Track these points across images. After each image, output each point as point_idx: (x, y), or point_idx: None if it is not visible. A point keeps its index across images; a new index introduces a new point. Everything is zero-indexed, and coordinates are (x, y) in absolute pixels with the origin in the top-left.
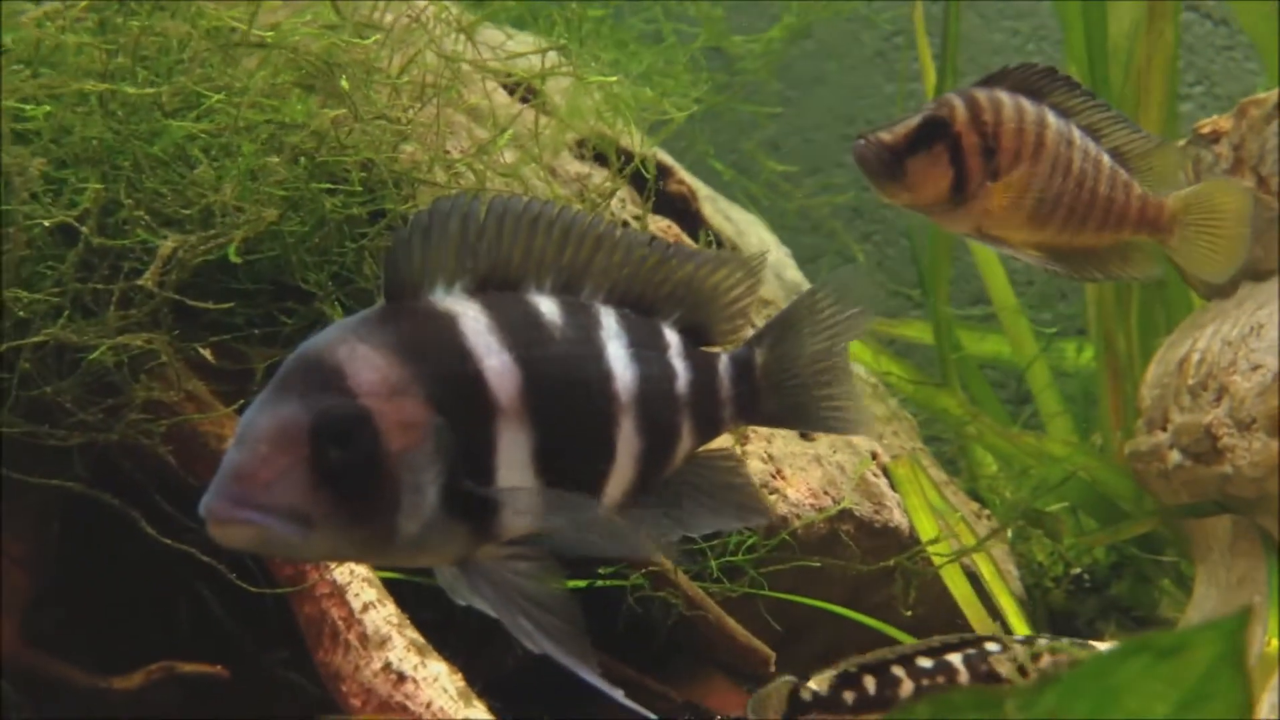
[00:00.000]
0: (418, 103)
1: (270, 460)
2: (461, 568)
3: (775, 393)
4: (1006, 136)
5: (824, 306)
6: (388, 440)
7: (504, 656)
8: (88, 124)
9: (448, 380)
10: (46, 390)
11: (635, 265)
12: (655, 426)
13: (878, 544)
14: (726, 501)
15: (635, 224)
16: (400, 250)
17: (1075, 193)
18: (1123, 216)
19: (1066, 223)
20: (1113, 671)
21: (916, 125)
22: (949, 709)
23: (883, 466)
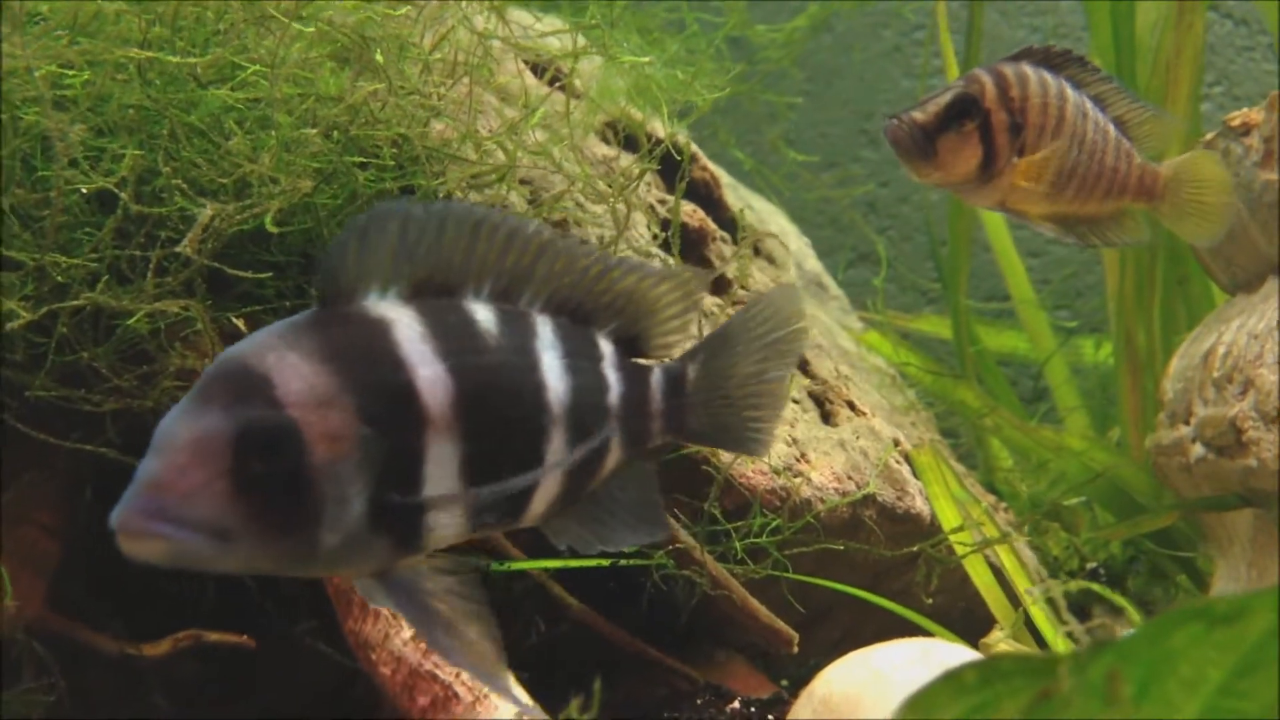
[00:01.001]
0: (449, 80)
1: (188, 471)
2: (380, 579)
3: (704, 409)
4: (1033, 112)
5: (756, 326)
6: (313, 452)
7: (527, 633)
8: (126, 92)
9: (378, 390)
10: (83, 355)
11: (577, 274)
12: (585, 439)
13: (899, 530)
14: (641, 517)
15: (661, 208)
16: (336, 253)
17: (1088, 164)
18: (1124, 185)
19: (1078, 193)
20: (1166, 637)
21: (947, 103)
22: (997, 675)
23: (904, 454)
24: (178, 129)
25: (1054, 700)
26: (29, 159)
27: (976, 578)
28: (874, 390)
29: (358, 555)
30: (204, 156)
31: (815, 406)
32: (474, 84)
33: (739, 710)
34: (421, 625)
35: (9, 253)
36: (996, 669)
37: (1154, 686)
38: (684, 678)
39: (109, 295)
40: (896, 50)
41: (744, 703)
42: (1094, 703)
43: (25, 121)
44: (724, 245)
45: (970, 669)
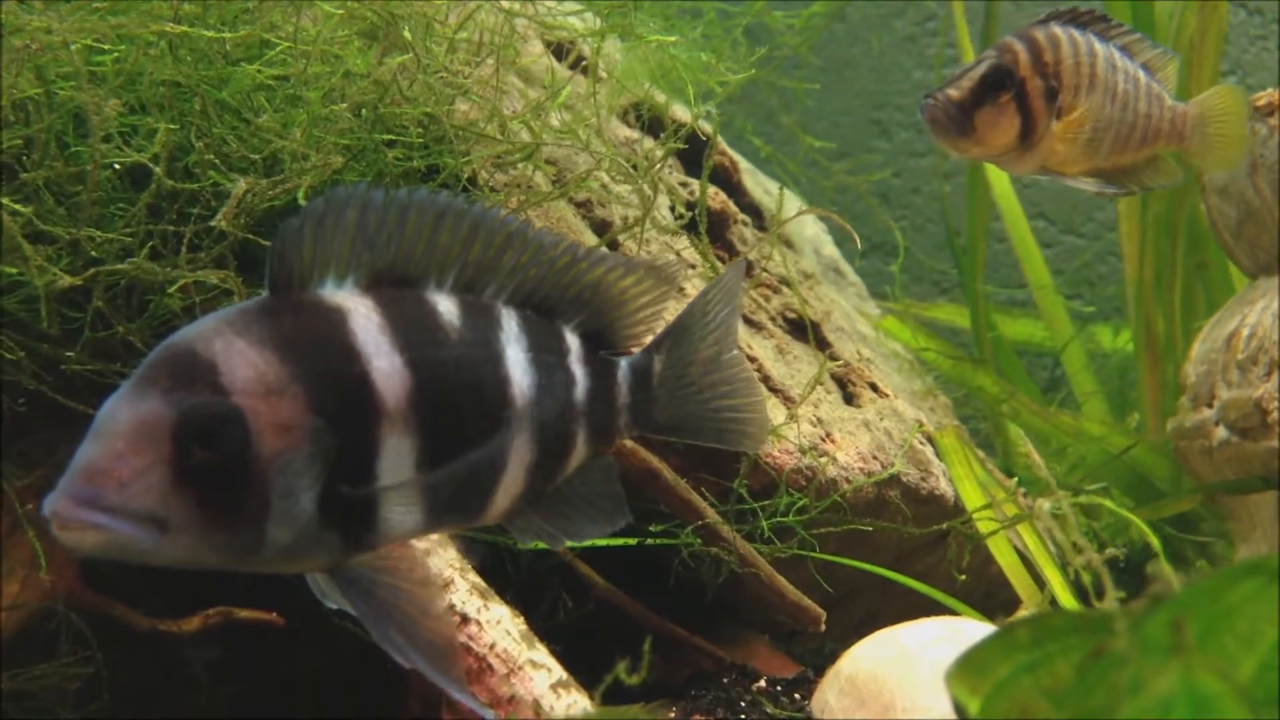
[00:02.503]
0: (474, 59)
1: (125, 458)
2: (334, 575)
3: (671, 401)
4: (1066, 74)
5: (711, 308)
6: (260, 442)
7: (555, 609)
8: (158, 68)
9: (330, 380)
10: (119, 329)
11: (543, 266)
12: (550, 435)
13: (923, 511)
14: (603, 510)
15: (682, 190)
16: (290, 239)
17: (1122, 115)
18: (1158, 130)
19: (1115, 145)
20: (1225, 593)
21: (981, 76)
22: (1050, 634)
23: (927, 435)
24: (209, 106)
25: (1108, 657)
26: (62, 135)
27: (1001, 558)
28: (895, 374)
29: (307, 550)
30: (234, 133)
31: (838, 388)
32: (499, 64)
33: (765, 689)
34: (374, 623)
35: (45, 227)
36: (1050, 627)
37: (1211, 642)
38: (710, 657)
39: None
40: (909, 41)
41: (770, 682)
42: (1152, 658)
43: (60, 97)
44: (744, 228)
45: (1023, 626)
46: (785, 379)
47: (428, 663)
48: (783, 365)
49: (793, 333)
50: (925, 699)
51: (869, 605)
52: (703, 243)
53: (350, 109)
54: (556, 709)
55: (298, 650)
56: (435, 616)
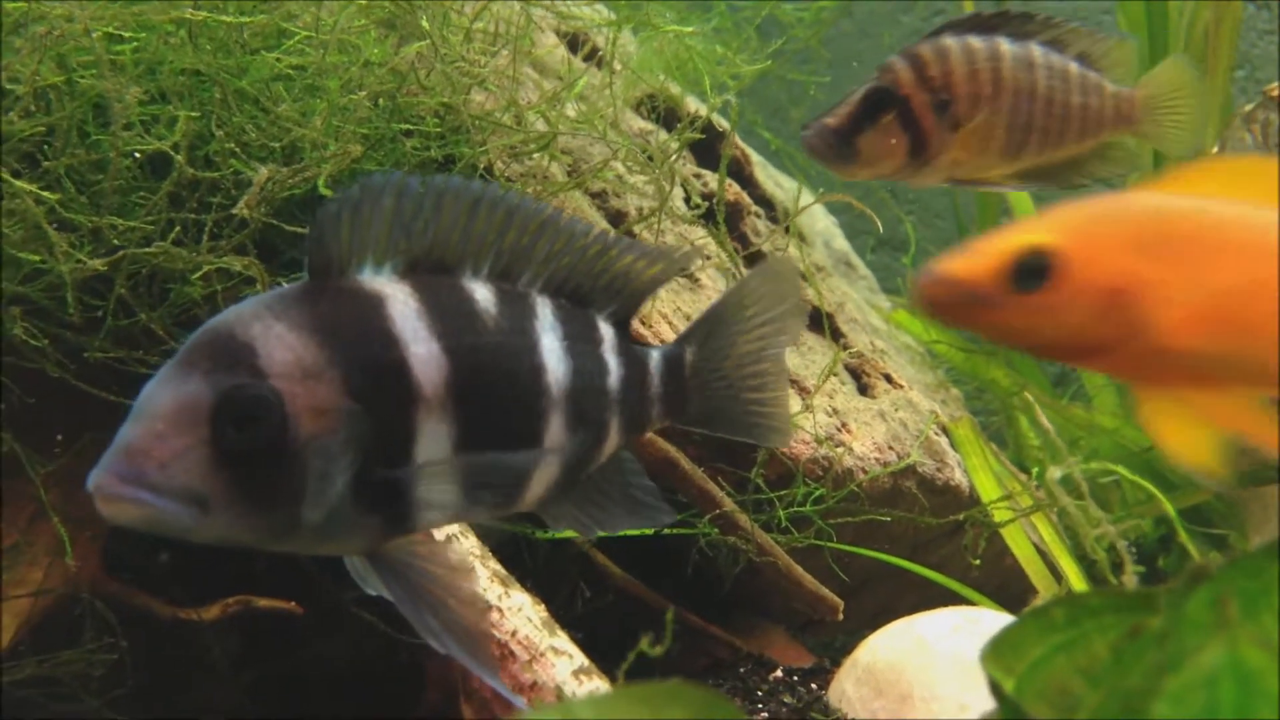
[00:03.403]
0: (490, 50)
1: (167, 438)
2: (371, 560)
3: (703, 393)
4: (959, 84)
5: (750, 304)
6: (297, 425)
7: (573, 599)
8: (178, 56)
9: (368, 365)
10: (141, 317)
11: (576, 254)
12: (585, 423)
13: (939, 501)
14: (639, 501)
15: (696, 182)
16: (328, 225)
17: (1046, 112)
18: (1100, 118)
19: (1044, 142)
20: (1265, 570)
21: (859, 101)
22: (1085, 613)
23: (942, 426)
24: (229, 95)
25: (1146, 635)
26: (83, 124)
27: (1017, 550)
28: (908, 365)
29: (344, 533)
30: (254, 122)
31: (853, 379)
32: (515, 55)
33: (781, 679)
34: (410, 608)
35: (68, 215)
36: (1085, 605)
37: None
38: (726, 646)
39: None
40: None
41: (786, 672)
42: (1193, 635)
43: (81, 85)
44: (758, 220)
45: (1058, 606)
46: (800, 369)
47: (462, 648)
48: (797, 356)
49: (807, 324)
50: (943, 688)
51: (884, 596)
52: (720, 232)
53: (368, 98)
54: (579, 695)
55: (317, 640)
56: (468, 602)
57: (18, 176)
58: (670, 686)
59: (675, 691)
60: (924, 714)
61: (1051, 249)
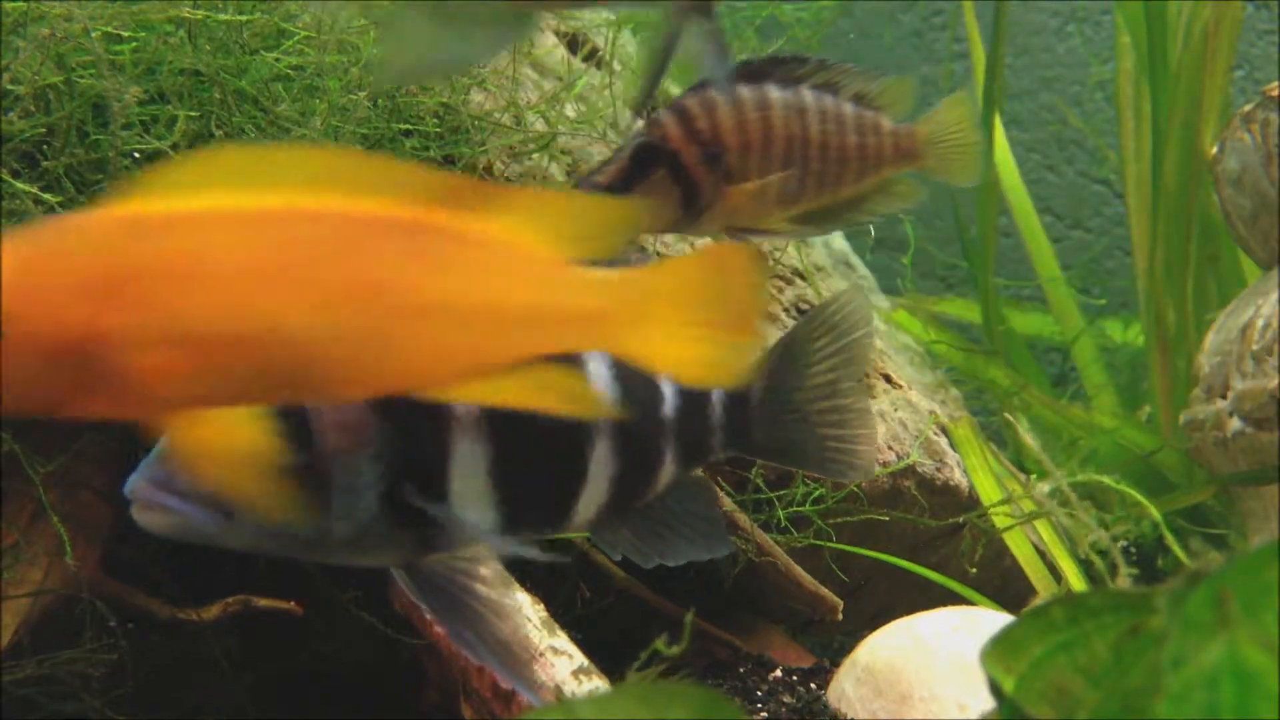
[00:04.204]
0: None
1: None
2: (407, 570)
3: (772, 425)
4: (728, 135)
5: (823, 333)
6: (324, 439)
7: (573, 599)
8: (178, 56)
9: None
10: None
11: None
12: (636, 450)
13: (938, 501)
14: (700, 532)
15: None
16: None
17: (822, 155)
18: (880, 156)
19: (822, 186)
20: (1266, 569)
21: (629, 157)
22: (1085, 613)
23: (941, 426)
24: (228, 95)
25: (1146, 635)
26: (82, 124)
27: (1017, 550)
28: (907, 365)
29: (375, 547)
30: (253, 122)
31: None
32: (514, 56)
33: (781, 679)
34: (447, 619)
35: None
36: (1085, 605)
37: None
38: (726, 646)
39: None
40: (916, 35)
41: (786, 672)
42: (1194, 634)
43: (80, 85)
44: None
45: (1057, 605)
46: None
47: (499, 661)
48: None
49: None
50: (943, 688)
51: (883, 597)
52: None
53: (368, 99)
54: (579, 695)
55: (317, 640)
56: (506, 617)
57: (17, 177)
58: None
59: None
60: (923, 714)
61: None
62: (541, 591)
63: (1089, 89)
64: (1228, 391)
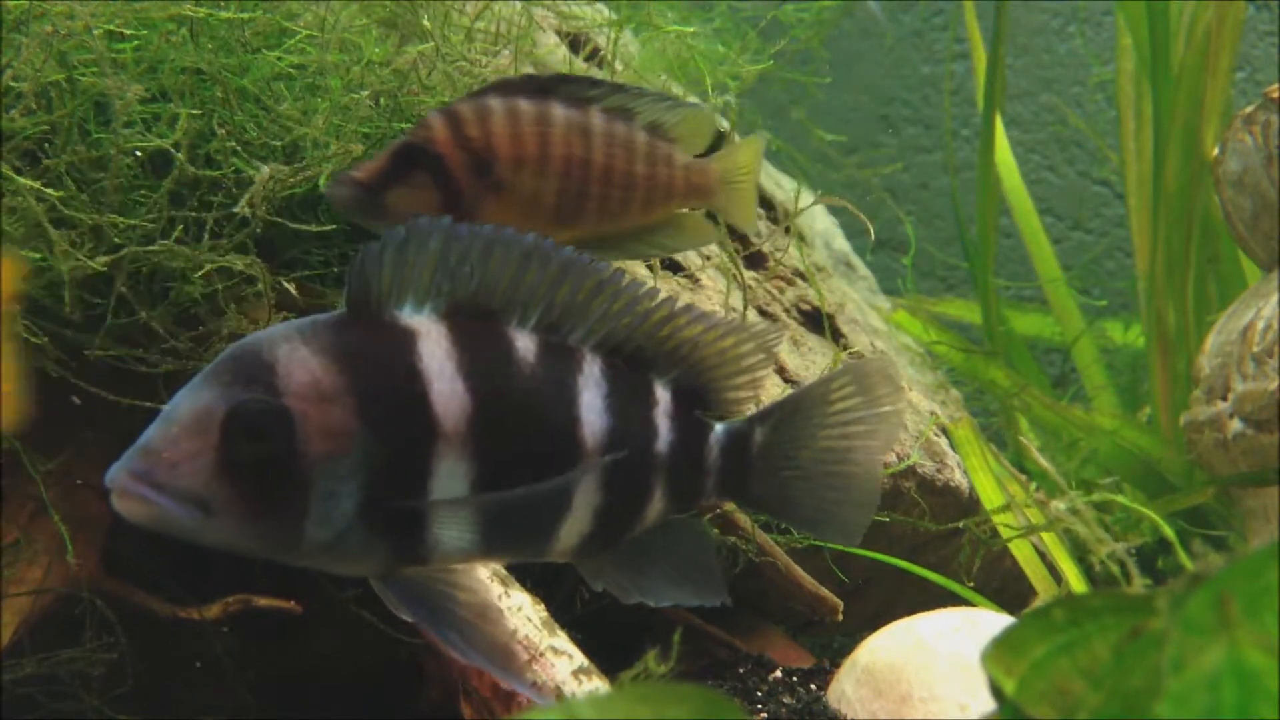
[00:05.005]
0: (491, 49)
1: (180, 442)
2: (387, 581)
3: (770, 477)
4: (501, 145)
5: (839, 399)
6: (305, 443)
7: (572, 599)
8: (180, 55)
9: (386, 395)
10: (141, 315)
11: (637, 318)
12: (622, 484)
13: (938, 502)
14: (688, 576)
15: None
16: (370, 261)
17: (605, 180)
18: (669, 189)
19: (604, 212)
20: (1266, 571)
21: (390, 156)
22: (1086, 614)
23: (942, 427)
24: (230, 93)
25: (1147, 637)
26: (84, 122)
27: (1017, 551)
28: (908, 366)
29: (351, 554)
30: (255, 121)
31: None
32: (515, 55)
33: (781, 679)
34: (433, 626)
35: (69, 212)
36: (1085, 607)
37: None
38: (726, 646)
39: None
40: (917, 36)
41: (786, 672)
42: (1194, 636)
43: (83, 84)
44: (759, 222)
45: (1058, 607)
46: (800, 370)
47: (488, 660)
48: (798, 357)
49: (807, 324)
50: (942, 689)
51: (883, 597)
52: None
53: (370, 97)
54: (579, 695)
55: (317, 639)
56: (493, 620)
57: (19, 173)
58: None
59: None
60: (924, 714)
61: None
62: (542, 591)
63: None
64: (1228, 393)
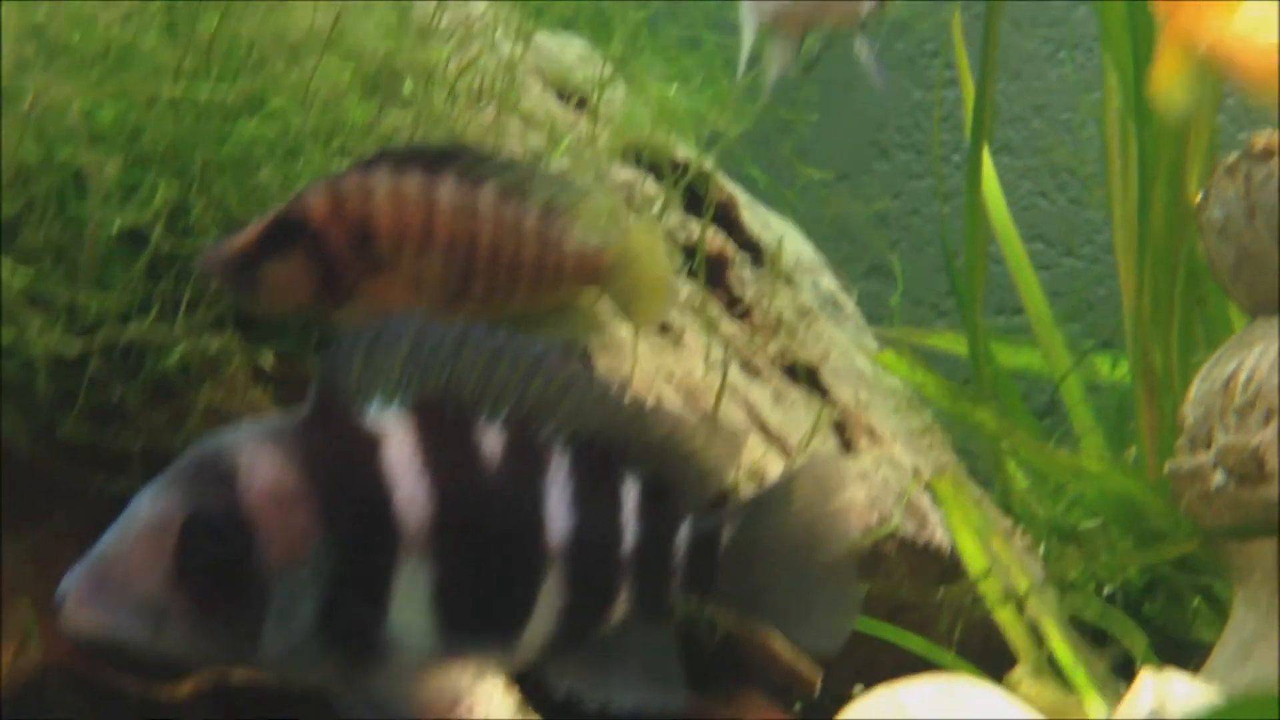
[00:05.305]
0: (475, 106)
1: (133, 551)
2: (344, 696)
3: (740, 575)
4: (383, 221)
5: (797, 499)
6: (263, 551)
7: None
8: (159, 125)
9: (348, 500)
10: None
11: (607, 414)
12: (587, 584)
13: (919, 562)
14: (653, 677)
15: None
16: (340, 361)
17: (492, 260)
18: (559, 273)
19: (490, 294)
20: None
21: (265, 229)
22: None
23: (925, 484)
24: (209, 164)
25: None
26: (61, 195)
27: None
28: (892, 414)
29: (309, 662)
30: (235, 189)
31: (835, 434)
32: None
33: None
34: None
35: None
36: None
37: None
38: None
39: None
40: (909, 62)
41: None
42: None
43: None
44: (744, 270)
45: None
46: (782, 426)
47: None
48: (780, 412)
49: (790, 376)
50: None
51: (864, 656)
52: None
53: None
54: None
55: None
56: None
57: None
58: None
59: None
60: None
61: None
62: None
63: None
64: (1211, 444)
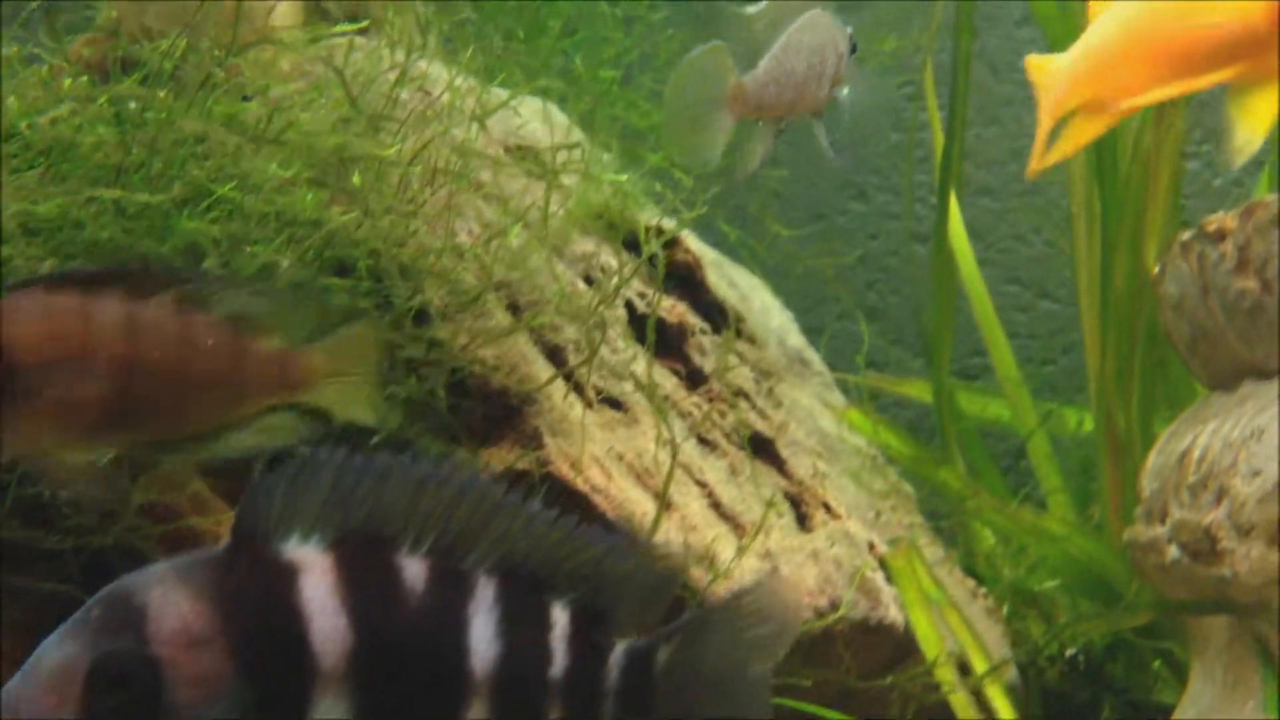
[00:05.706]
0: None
1: (40, 698)
2: None
3: (675, 696)
4: (24, 348)
5: (743, 618)
6: (173, 693)
7: None
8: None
9: (262, 637)
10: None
11: (535, 539)
12: (515, 711)
13: (871, 640)
14: None
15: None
16: (260, 497)
17: (158, 381)
18: (244, 385)
19: (160, 416)
20: None
21: None
22: None
23: (879, 558)
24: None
25: None
26: None
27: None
28: (851, 484)
29: None
30: None
31: (791, 508)
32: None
33: None
34: None
35: None
36: None
37: None
38: None
39: None
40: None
41: None
42: None
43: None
44: (704, 338)
45: None
46: (736, 503)
47: None
48: (734, 488)
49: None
50: None
51: None
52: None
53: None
54: None
55: None
56: None
57: None
58: None
59: None
60: None
61: None
62: None
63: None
64: (1166, 518)
